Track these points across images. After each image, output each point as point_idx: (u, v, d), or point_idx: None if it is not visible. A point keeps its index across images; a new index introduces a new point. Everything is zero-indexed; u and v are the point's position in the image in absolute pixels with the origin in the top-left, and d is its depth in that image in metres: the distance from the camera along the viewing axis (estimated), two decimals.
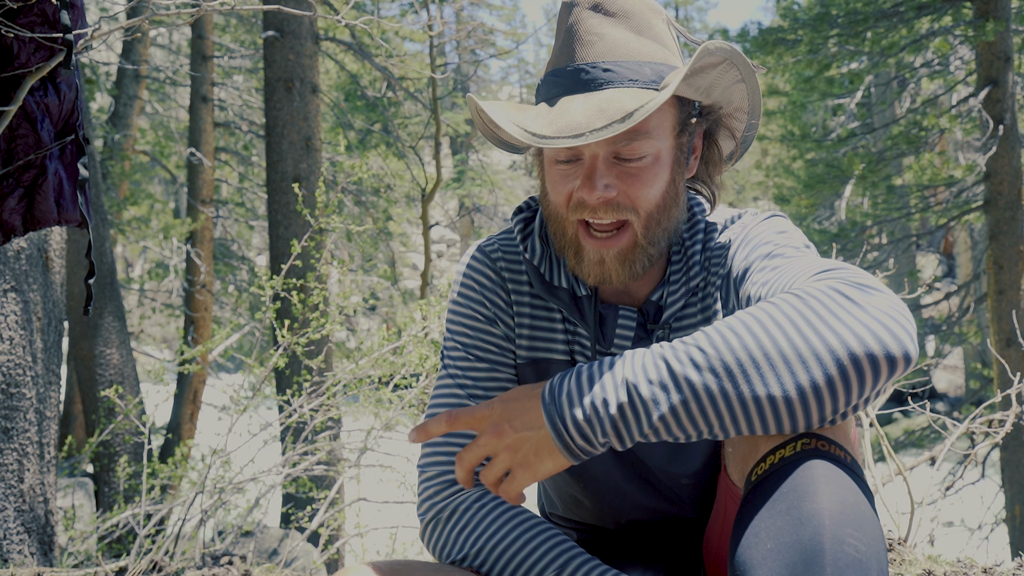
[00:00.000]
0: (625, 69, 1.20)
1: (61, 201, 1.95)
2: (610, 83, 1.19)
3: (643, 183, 1.21)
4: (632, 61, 1.21)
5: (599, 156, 1.20)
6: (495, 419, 1.08)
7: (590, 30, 1.22)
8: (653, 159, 1.21)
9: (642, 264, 1.25)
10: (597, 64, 1.20)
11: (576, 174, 1.22)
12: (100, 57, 11.15)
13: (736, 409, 0.97)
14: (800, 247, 1.20)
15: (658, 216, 1.24)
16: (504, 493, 1.08)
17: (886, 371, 0.94)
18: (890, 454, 2.76)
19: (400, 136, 11.29)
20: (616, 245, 1.22)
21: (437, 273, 22.08)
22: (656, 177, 1.22)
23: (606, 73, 1.20)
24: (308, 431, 3.97)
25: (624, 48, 1.21)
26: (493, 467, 1.08)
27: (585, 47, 1.21)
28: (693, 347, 1.00)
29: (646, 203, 1.22)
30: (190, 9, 2.21)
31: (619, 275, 1.24)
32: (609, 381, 1.02)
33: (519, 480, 1.07)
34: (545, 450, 1.05)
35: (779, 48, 9.13)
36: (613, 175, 1.20)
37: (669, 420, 0.99)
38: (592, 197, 1.19)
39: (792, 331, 0.96)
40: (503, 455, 1.07)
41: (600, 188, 1.19)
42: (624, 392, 1.01)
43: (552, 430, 1.04)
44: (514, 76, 30.87)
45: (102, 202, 5.45)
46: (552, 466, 1.05)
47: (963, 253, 17.88)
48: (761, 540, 0.95)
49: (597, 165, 1.19)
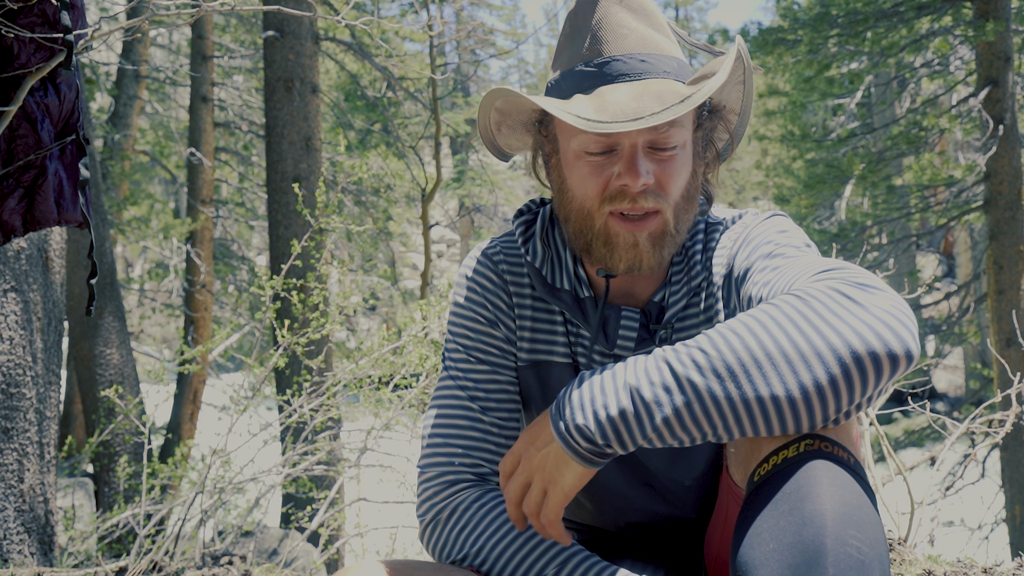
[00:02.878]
0: (658, 61, 1.23)
1: (61, 201, 1.95)
2: (647, 74, 1.22)
3: (675, 171, 1.23)
4: (661, 55, 1.24)
5: (638, 144, 1.21)
6: (524, 444, 1.10)
7: (621, 24, 1.24)
8: (682, 149, 1.24)
9: (669, 252, 1.26)
10: (634, 56, 1.23)
11: (610, 164, 1.22)
12: (100, 57, 11.15)
13: (740, 410, 0.97)
14: (801, 246, 1.21)
15: (684, 205, 1.26)
16: (545, 520, 1.08)
17: (888, 369, 0.94)
18: (890, 454, 2.76)
19: (400, 136, 11.29)
20: (648, 227, 1.23)
21: (437, 273, 22.08)
22: (684, 167, 1.25)
23: (642, 64, 1.22)
24: (308, 431, 3.97)
25: (653, 42, 1.24)
26: (531, 493, 1.09)
27: (619, 39, 1.23)
28: (695, 349, 0.99)
29: (676, 191, 1.24)
30: (190, 9, 2.21)
31: (650, 258, 1.25)
32: (611, 385, 1.02)
33: (552, 500, 1.07)
34: (562, 462, 1.05)
35: (779, 48, 9.13)
36: (650, 162, 1.22)
37: (673, 422, 0.99)
38: (637, 184, 1.20)
39: (794, 331, 0.96)
40: (536, 477, 1.08)
41: (644, 175, 1.20)
42: (626, 395, 1.01)
43: (558, 438, 1.04)
44: (514, 76, 30.89)
45: (102, 202, 5.44)
46: (573, 478, 1.05)
47: (963, 253, 17.88)
48: (763, 540, 0.95)
49: (638, 153, 1.21)
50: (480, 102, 1.31)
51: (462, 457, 1.29)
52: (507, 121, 1.36)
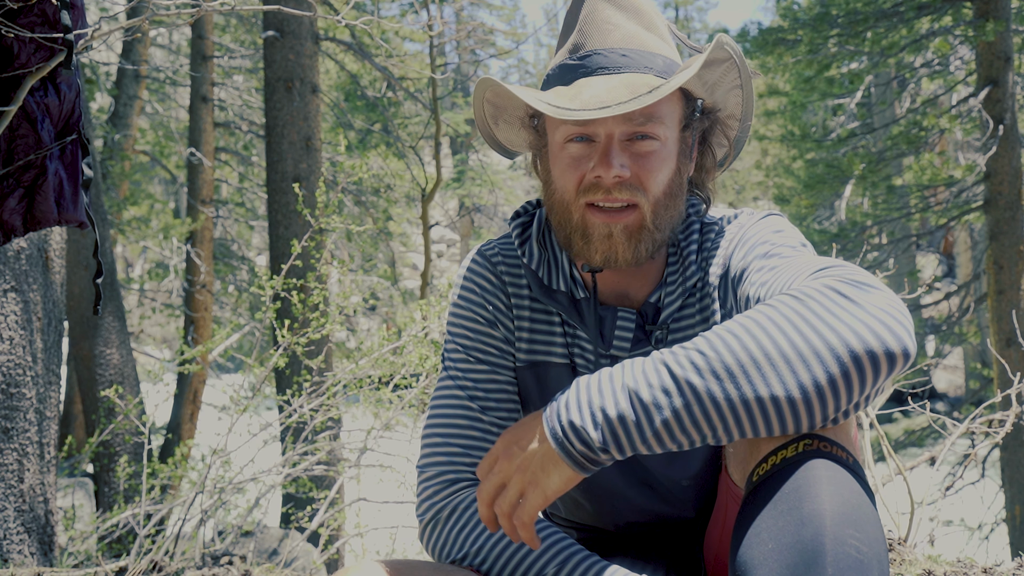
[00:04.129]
0: (640, 56, 1.24)
1: (61, 201, 1.95)
2: (627, 68, 1.23)
3: (653, 166, 1.23)
4: (646, 51, 1.25)
5: (614, 136, 1.22)
6: (505, 444, 1.08)
7: (607, 19, 1.26)
8: (662, 144, 1.24)
9: (647, 248, 1.25)
10: (615, 50, 1.24)
11: (588, 156, 1.23)
12: (100, 57, 11.15)
13: (740, 411, 0.96)
14: (797, 246, 1.21)
15: (665, 202, 1.25)
16: (518, 520, 1.06)
17: (886, 368, 0.94)
18: (890, 454, 2.76)
19: (400, 136, 11.29)
20: (624, 219, 1.23)
21: (437, 273, 22.08)
22: (664, 163, 1.24)
23: (623, 58, 1.24)
24: (308, 431, 3.97)
25: (638, 39, 1.25)
26: (507, 493, 1.06)
27: (602, 34, 1.25)
28: (693, 351, 0.99)
29: (655, 186, 1.24)
30: (190, 9, 2.21)
31: (625, 251, 1.24)
32: (608, 388, 1.01)
33: (530, 501, 1.04)
34: (551, 463, 1.03)
35: (779, 48, 9.14)
36: (627, 155, 1.22)
37: (672, 425, 0.98)
38: (609, 175, 1.20)
39: (792, 331, 0.96)
40: (515, 478, 1.06)
41: (616, 166, 1.20)
42: (624, 397, 1.00)
43: (552, 439, 1.03)
44: (514, 76, 30.90)
45: (102, 202, 5.45)
46: (559, 481, 1.04)
47: (963, 253, 17.89)
48: (762, 540, 0.95)
49: (613, 144, 1.21)
50: (472, 96, 1.32)
51: (462, 456, 1.29)
52: (503, 115, 1.37)
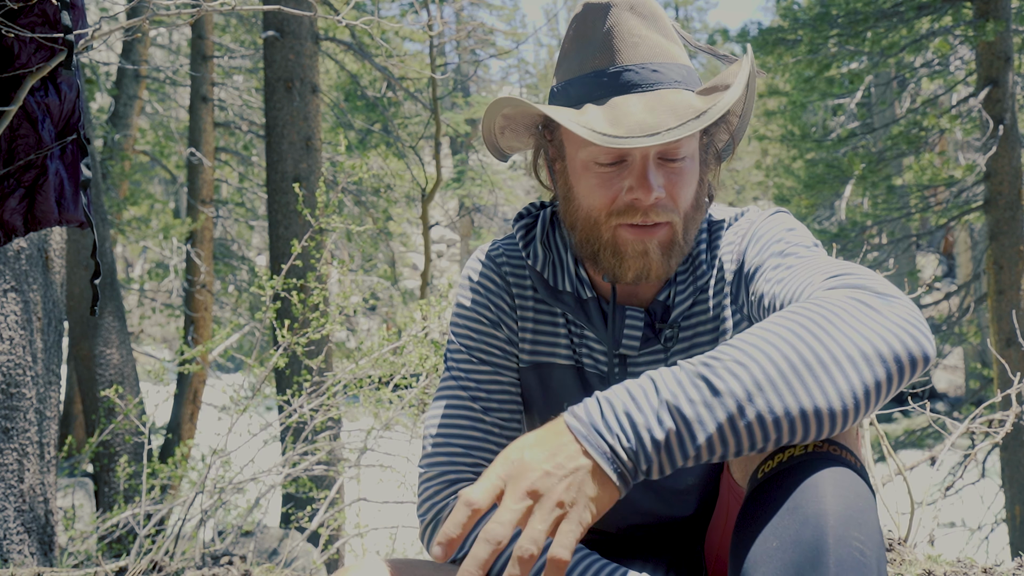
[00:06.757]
0: (669, 70, 1.22)
1: (62, 201, 1.95)
2: (660, 84, 1.21)
3: (684, 183, 1.22)
4: (672, 63, 1.23)
5: (650, 156, 1.19)
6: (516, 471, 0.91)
7: (632, 32, 1.22)
8: (691, 159, 1.23)
9: (677, 260, 1.25)
10: (646, 65, 1.21)
11: (620, 176, 1.21)
12: (100, 57, 11.15)
13: (782, 421, 0.93)
14: (810, 246, 1.21)
15: (693, 215, 1.25)
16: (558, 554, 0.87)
17: (911, 371, 0.96)
18: (890, 454, 2.76)
19: (400, 136, 11.29)
20: (657, 235, 1.22)
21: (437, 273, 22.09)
22: (693, 177, 1.24)
23: (655, 74, 1.21)
24: (308, 431, 3.97)
25: (663, 51, 1.23)
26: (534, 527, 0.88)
27: (630, 48, 1.22)
28: (731, 361, 0.94)
29: (685, 203, 1.23)
30: (190, 9, 2.21)
31: (659, 267, 1.23)
32: (645, 404, 0.93)
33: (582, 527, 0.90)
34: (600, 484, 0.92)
35: (779, 48, 9.13)
36: (661, 174, 1.20)
37: (715, 440, 0.92)
38: (649, 198, 1.18)
39: (827, 339, 0.94)
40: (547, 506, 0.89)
41: (656, 189, 1.19)
42: (667, 414, 0.92)
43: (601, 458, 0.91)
44: (514, 76, 30.88)
45: (102, 202, 5.44)
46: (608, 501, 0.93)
47: (963, 253, 17.89)
48: (765, 538, 0.95)
49: (649, 165, 1.19)
50: (486, 109, 1.29)
51: (463, 457, 1.29)
52: (511, 125, 1.35)
